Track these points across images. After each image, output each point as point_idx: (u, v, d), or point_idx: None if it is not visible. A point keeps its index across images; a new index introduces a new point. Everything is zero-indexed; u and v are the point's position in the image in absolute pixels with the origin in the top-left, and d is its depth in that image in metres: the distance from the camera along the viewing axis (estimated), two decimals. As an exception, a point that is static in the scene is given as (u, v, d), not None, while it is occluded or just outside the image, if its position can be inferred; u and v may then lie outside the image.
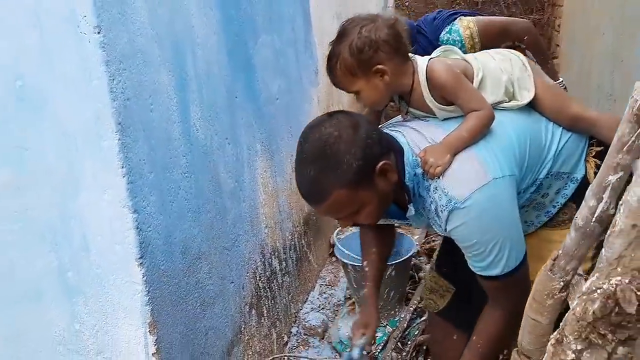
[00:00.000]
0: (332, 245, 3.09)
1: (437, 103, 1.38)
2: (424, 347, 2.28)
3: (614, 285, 0.70)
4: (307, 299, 2.69)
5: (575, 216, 1.01)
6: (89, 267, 1.42)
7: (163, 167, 1.48)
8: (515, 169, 1.33)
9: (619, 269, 0.72)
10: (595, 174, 1.02)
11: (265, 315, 2.19)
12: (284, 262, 2.40)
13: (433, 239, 3.19)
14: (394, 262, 2.36)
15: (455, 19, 2.18)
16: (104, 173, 1.33)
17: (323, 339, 2.48)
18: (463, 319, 1.61)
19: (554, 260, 1.07)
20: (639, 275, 0.70)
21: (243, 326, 1.98)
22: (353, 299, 2.59)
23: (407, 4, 5.31)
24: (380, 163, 1.25)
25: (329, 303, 2.70)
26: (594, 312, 0.73)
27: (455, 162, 1.29)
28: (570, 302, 1.05)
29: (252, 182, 2.08)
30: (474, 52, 2.20)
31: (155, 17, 1.45)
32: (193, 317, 1.64)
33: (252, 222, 2.08)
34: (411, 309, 2.42)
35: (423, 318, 2.38)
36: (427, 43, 2.17)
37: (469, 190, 1.26)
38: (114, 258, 1.40)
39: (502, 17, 2.30)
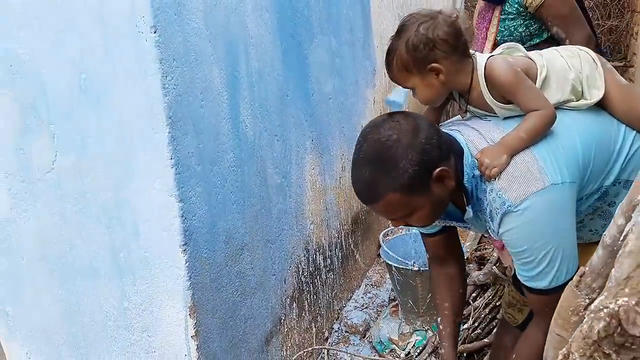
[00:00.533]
0: (380, 246, 3.11)
1: (496, 102, 1.34)
2: (464, 355, 2.26)
3: (619, 306, 0.70)
4: (351, 297, 2.72)
5: (604, 234, 0.99)
6: (138, 250, 1.52)
7: (210, 160, 1.56)
8: (577, 176, 1.28)
9: (626, 290, 0.71)
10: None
11: (307, 309, 2.24)
12: (328, 259, 2.45)
13: (485, 246, 3.14)
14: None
15: None
16: (154, 163, 1.42)
17: (364, 337, 2.50)
18: None
19: (581, 276, 1.05)
20: (644, 300, 0.69)
21: (283, 318, 2.04)
22: (397, 301, 2.60)
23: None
24: (438, 169, 1.22)
25: (372, 303, 2.72)
26: (598, 331, 0.73)
27: (513, 164, 1.25)
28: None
29: (299, 179, 2.14)
30: (525, 10, 2.18)
31: (210, 18, 1.52)
32: (233, 305, 1.71)
33: (298, 218, 2.14)
34: (454, 315, 2.40)
35: (465, 326, 2.36)
36: None
37: (525, 193, 1.22)
38: (160, 243, 1.49)
39: (580, 13, 2.20)
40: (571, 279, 1.20)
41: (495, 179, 1.25)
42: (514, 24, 2.26)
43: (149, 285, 1.55)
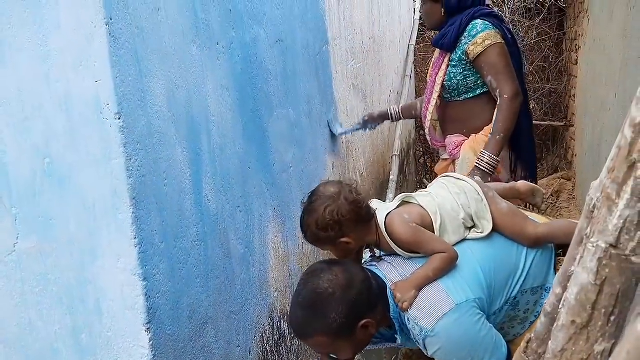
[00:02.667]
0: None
1: (403, 251, 1.56)
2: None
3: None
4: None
5: (545, 303, 1.08)
6: (101, 330, 1.52)
7: (174, 236, 1.60)
8: (482, 292, 1.47)
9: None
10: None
11: (273, 378, 2.23)
12: (293, 326, 2.45)
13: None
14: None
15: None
16: (118, 242, 1.44)
17: (331, 404, 2.49)
18: None
19: (527, 343, 1.13)
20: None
21: (248, 390, 2.03)
22: (362, 365, 2.61)
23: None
24: (364, 321, 1.42)
25: (338, 368, 2.72)
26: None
27: (422, 295, 1.45)
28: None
29: (262, 247, 2.18)
30: (467, 59, 2.49)
31: (172, 101, 1.60)
32: (197, 381, 1.70)
33: (262, 287, 2.16)
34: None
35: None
36: None
37: (435, 318, 1.42)
38: (124, 322, 1.49)
39: (513, 70, 2.51)
40: (508, 354, 1.46)
41: (407, 310, 1.45)
42: (455, 71, 2.57)
43: (112, 366, 1.53)
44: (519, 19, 5.21)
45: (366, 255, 1.73)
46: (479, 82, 2.55)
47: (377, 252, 1.66)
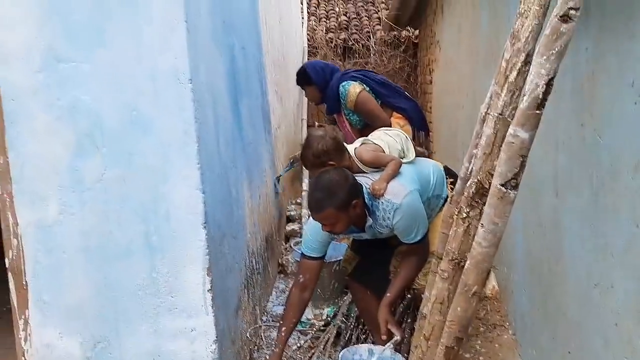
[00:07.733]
0: (280, 265, 3.93)
1: (370, 169, 2.50)
2: (362, 320, 3.15)
3: (479, 177, 1.70)
4: (269, 298, 3.46)
5: (460, 173, 2.04)
6: (168, 232, 2.18)
7: (209, 170, 2.32)
8: (418, 187, 2.45)
9: (480, 172, 1.72)
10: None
11: (250, 298, 2.96)
12: (257, 264, 3.20)
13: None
14: (339, 260, 3.28)
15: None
16: (186, 168, 2.14)
17: (285, 325, 3.24)
18: (368, 283, 2.73)
19: (452, 197, 2.08)
20: (489, 174, 1.70)
21: (242, 297, 2.74)
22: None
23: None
24: (355, 201, 2.30)
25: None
26: (472, 191, 1.72)
27: (390, 186, 2.38)
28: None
29: (242, 198, 2.92)
30: (353, 109, 3.45)
31: (205, 77, 2.34)
32: (221, 277, 2.41)
33: (243, 226, 2.90)
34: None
35: (360, 301, 3.26)
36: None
37: (401, 197, 2.34)
38: (187, 224, 2.17)
39: (380, 113, 3.50)
40: (426, 234, 2.47)
41: (382, 195, 2.35)
42: (353, 118, 3.53)
43: (174, 257, 2.19)
44: (385, 48, 6.51)
45: None
46: None
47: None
